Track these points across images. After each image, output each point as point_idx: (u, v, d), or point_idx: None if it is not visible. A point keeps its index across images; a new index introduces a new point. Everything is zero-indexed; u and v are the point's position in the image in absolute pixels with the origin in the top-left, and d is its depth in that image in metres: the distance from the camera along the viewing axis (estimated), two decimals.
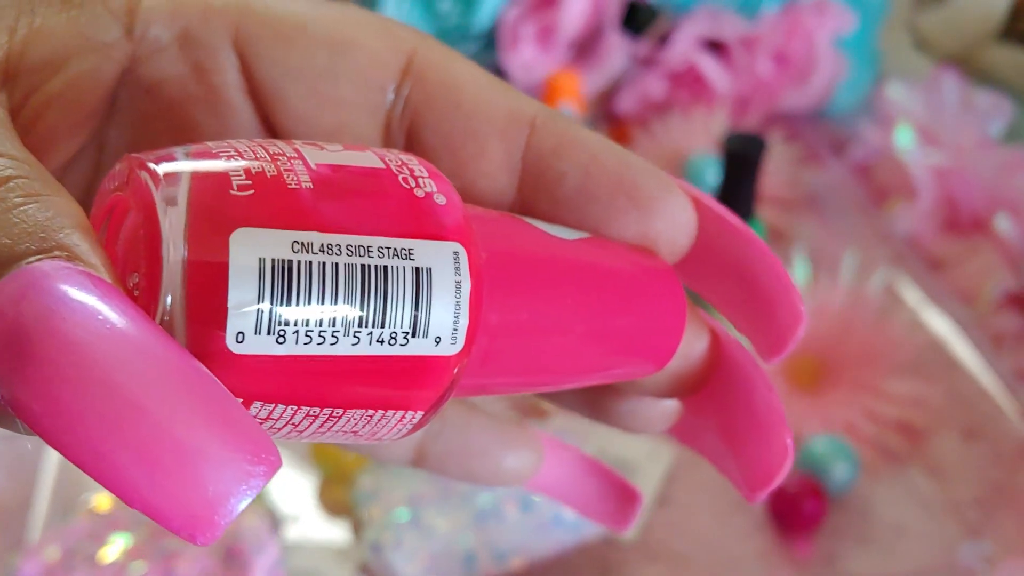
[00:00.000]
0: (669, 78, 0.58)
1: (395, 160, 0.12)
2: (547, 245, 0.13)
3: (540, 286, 0.13)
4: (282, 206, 0.10)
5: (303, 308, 0.10)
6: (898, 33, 0.68)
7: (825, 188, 0.57)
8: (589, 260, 0.14)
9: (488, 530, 0.34)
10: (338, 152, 0.12)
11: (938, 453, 0.41)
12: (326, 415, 0.11)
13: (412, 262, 0.11)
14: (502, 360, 0.12)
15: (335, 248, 0.10)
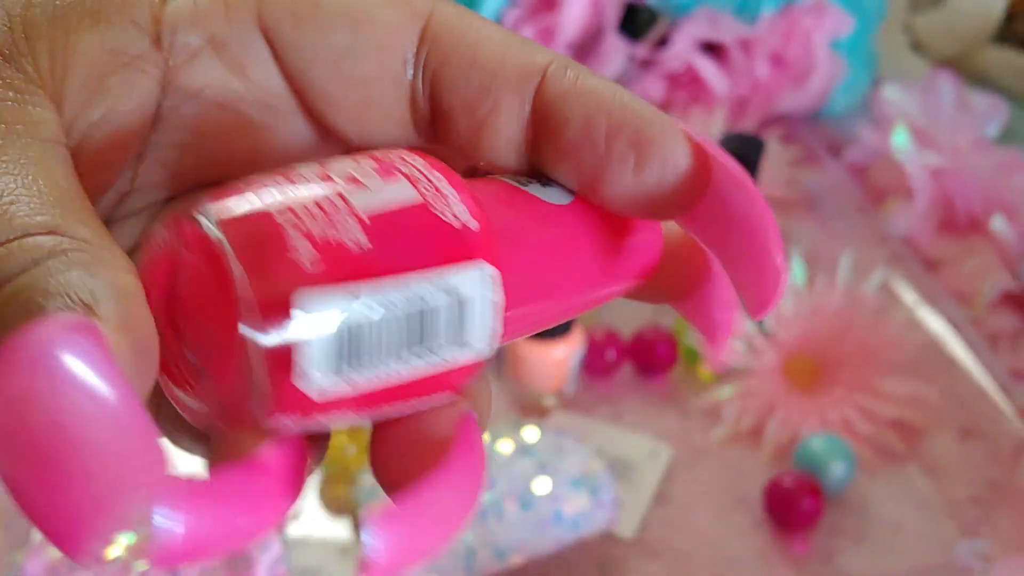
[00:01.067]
0: (667, 80, 0.58)
1: (423, 181, 0.13)
2: (541, 215, 0.14)
3: (537, 255, 0.14)
4: (348, 271, 0.11)
5: (370, 361, 0.12)
6: (895, 35, 0.69)
7: (822, 189, 0.57)
8: (576, 224, 0.15)
9: (488, 527, 0.35)
10: (378, 187, 0.12)
11: (935, 452, 0.41)
12: (382, 412, 0.13)
13: (457, 296, 0.12)
14: (512, 323, 0.14)
15: (394, 304, 0.12)
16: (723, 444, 0.42)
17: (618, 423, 0.43)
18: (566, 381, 0.43)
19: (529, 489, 0.35)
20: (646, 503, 0.39)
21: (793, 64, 0.57)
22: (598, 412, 0.44)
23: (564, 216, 0.14)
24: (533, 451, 0.37)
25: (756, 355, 0.43)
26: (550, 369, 0.42)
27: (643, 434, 0.42)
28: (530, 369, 0.42)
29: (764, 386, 0.43)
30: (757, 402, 0.42)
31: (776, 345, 0.44)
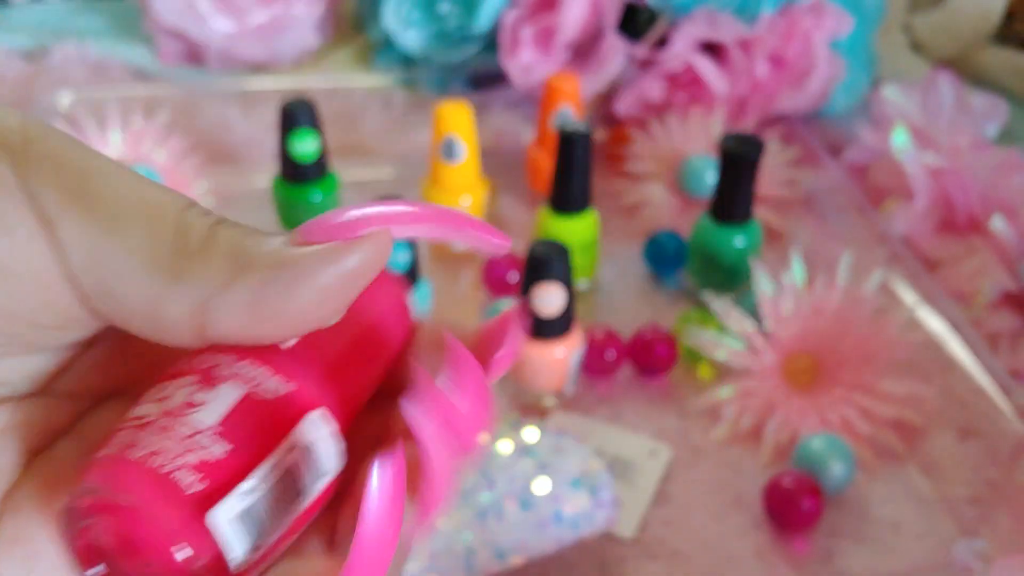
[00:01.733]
0: (667, 80, 0.58)
1: (238, 375, 0.16)
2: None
3: (345, 355, 0.18)
4: (226, 477, 0.15)
5: (268, 525, 0.15)
6: (894, 35, 0.69)
7: (822, 188, 0.57)
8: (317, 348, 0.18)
9: (488, 528, 0.35)
10: (210, 400, 0.15)
11: (934, 451, 0.42)
12: (284, 546, 0.16)
13: (305, 446, 0.15)
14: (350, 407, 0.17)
15: (266, 479, 0.15)
16: (723, 444, 0.42)
17: (618, 423, 0.43)
18: (566, 381, 0.43)
19: (529, 489, 0.35)
20: (646, 503, 0.39)
21: (793, 64, 0.57)
22: (598, 412, 0.44)
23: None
24: (533, 451, 0.37)
25: (755, 355, 0.43)
26: (550, 369, 0.42)
27: (643, 434, 0.42)
28: (530, 369, 0.42)
29: (763, 386, 0.43)
30: (756, 402, 0.42)
31: (775, 345, 0.44)
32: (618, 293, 0.51)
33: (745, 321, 0.44)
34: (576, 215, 0.48)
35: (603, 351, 0.44)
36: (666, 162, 0.56)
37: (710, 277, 0.49)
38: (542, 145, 0.55)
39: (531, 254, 0.40)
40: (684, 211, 0.55)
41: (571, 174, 0.47)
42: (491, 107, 0.64)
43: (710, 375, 0.46)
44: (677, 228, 0.54)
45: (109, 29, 0.72)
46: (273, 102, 0.61)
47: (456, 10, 0.63)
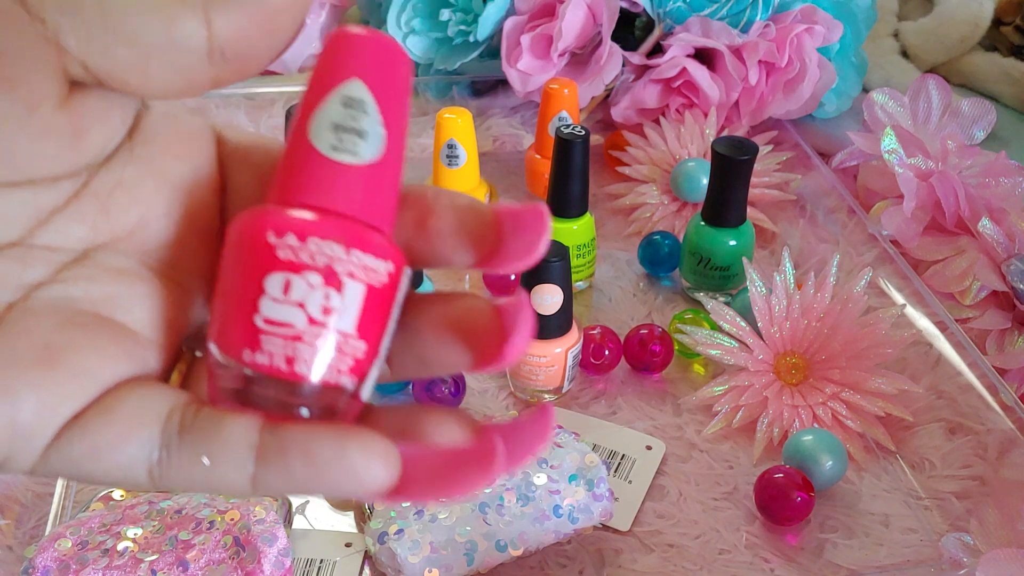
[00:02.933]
0: (662, 86, 0.59)
1: (354, 259, 0.17)
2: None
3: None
4: (368, 371, 0.18)
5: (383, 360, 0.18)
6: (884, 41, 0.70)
7: (813, 192, 0.58)
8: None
9: (488, 520, 0.35)
10: (348, 306, 0.17)
11: (923, 447, 0.42)
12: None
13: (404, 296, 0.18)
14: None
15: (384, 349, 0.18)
16: (716, 439, 0.43)
17: (614, 419, 0.44)
18: (564, 378, 0.44)
19: (528, 483, 0.36)
20: (641, 497, 0.40)
21: (784, 70, 0.58)
22: (595, 408, 0.44)
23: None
24: None
25: (748, 353, 0.44)
26: (548, 366, 0.43)
27: (638, 430, 0.43)
28: (529, 366, 0.43)
29: (756, 383, 0.44)
30: (749, 399, 0.43)
31: (767, 343, 0.45)
32: (615, 293, 0.52)
33: (738, 320, 0.45)
34: (574, 219, 0.49)
35: (600, 349, 0.45)
36: (661, 165, 0.57)
37: (704, 277, 0.50)
38: (541, 149, 0.56)
39: None
40: (679, 213, 0.56)
41: (569, 178, 0.48)
42: (491, 112, 0.65)
43: (704, 372, 0.47)
44: (672, 230, 0.55)
45: None
46: (279, 106, 0.62)
47: (458, 17, 0.64)
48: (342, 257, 0.16)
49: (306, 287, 0.16)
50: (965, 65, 0.68)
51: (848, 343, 0.44)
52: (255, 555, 0.34)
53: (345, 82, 0.17)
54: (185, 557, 0.34)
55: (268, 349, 0.16)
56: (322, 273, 0.16)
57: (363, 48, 0.17)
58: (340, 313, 0.16)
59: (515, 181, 0.59)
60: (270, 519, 0.35)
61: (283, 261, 0.16)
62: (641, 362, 0.45)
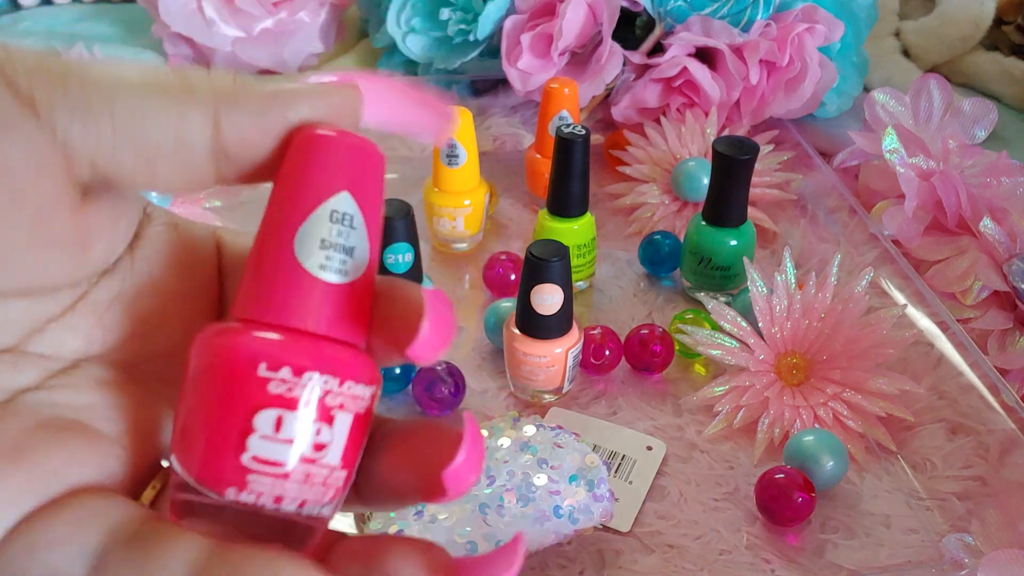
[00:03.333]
0: (663, 85, 0.59)
1: (346, 390, 0.17)
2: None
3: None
4: (343, 493, 0.18)
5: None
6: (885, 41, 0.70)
7: (814, 191, 0.58)
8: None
9: (488, 521, 0.35)
10: (336, 439, 0.17)
11: (924, 448, 0.42)
12: None
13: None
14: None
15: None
16: (717, 440, 0.43)
17: (614, 419, 0.44)
18: (564, 379, 0.44)
19: (528, 484, 0.36)
20: (642, 497, 0.40)
21: (785, 69, 0.58)
22: (595, 409, 0.44)
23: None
24: (532, 446, 0.38)
25: (749, 353, 0.44)
26: (548, 367, 0.43)
27: (639, 430, 0.43)
28: (529, 367, 0.43)
29: (757, 383, 0.44)
30: (750, 399, 0.43)
31: (768, 343, 0.44)
32: (615, 293, 0.52)
33: (739, 320, 0.45)
34: (574, 218, 0.49)
35: (600, 349, 0.45)
36: (662, 165, 0.57)
37: (704, 277, 0.50)
38: (541, 149, 0.56)
39: (530, 255, 0.41)
40: (679, 213, 0.56)
41: (569, 177, 0.47)
42: (491, 112, 0.65)
43: (705, 372, 0.47)
44: (672, 229, 0.55)
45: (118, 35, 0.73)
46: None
47: (457, 16, 0.64)
48: (334, 390, 0.16)
49: (298, 425, 0.16)
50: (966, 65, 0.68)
51: (849, 343, 0.44)
52: None
53: (333, 196, 0.16)
54: None
55: (255, 489, 0.16)
56: (317, 409, 0.16)
57: (344, 154, 0.17)
58: (329, 447, 0.16)
59: (515, 181, 0.59)
60: None
61: (275, 397, 0.15)
62: (642, 362, 0.45)
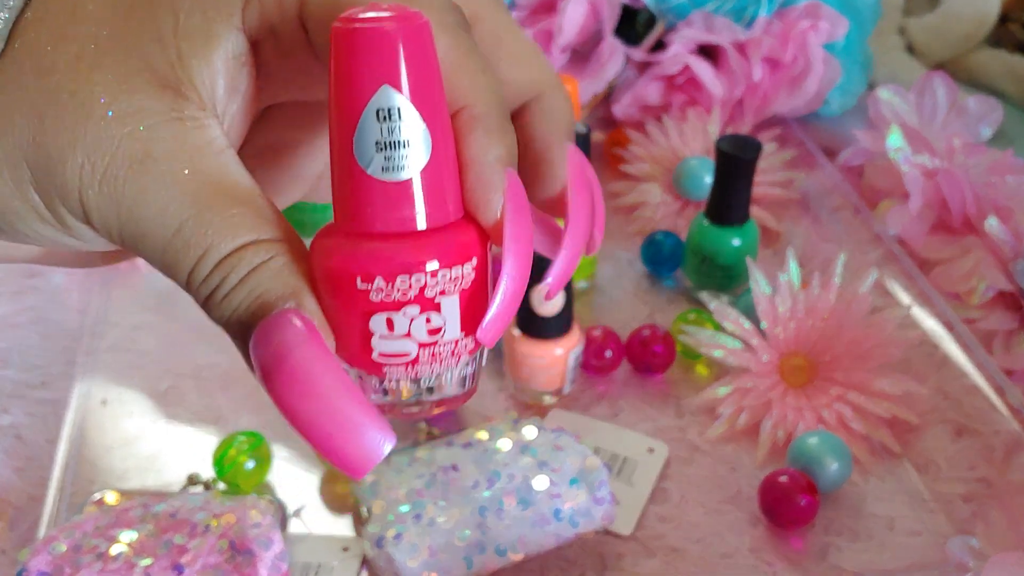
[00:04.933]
0: (665, 83, 0.59)
1: (442, 277, 0.18)
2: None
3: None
4: (479, 353, 0.20)
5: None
6: (889, 38, 0.69)
7: (817, 190, 0.58)
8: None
9: (488, 524, 0.35)
10: (448, 320, 0.19)
11: (928, 449, 0.42)
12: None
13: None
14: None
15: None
16: (719, 442, 0.43)
17: (616, 421, 0.43)
18: (565, 380, 0.43)
19: (528, 486, 0.36)
20: (643, 500, 0.39)
21: (789, 67, 0.58)
22: (596, 410, 0.44)
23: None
24: (532, 449, 0.37)
25: (752, 354, 0.44)
26: (549, 368, 0.43)
27: (640, 432, 0.43)
28: (529, 368, 0.43)
29: (760, 385, 0.43)
30: (753, 400, 0.43)
31: (772, 344, 0.44)
32: (616, 293, 0.52)
33: (741, 320, 0.44)
34: None
35: (602, 350, 0.45)
36: (664, 163, 0.57)
37: (707, 277, 0.49)
38: None
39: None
40: (681, 212, 0.55)
41: None
42: None
43: (707, 374, 0.46)
44: (674, 229, 0.54)
45: None
46: None
47: None
48: (428, 283, 0.17)
49: (407, 320, 0.18)
50: (971, 62, 0.68)
51: (853, 344, 0.43)
52: (251, 559, 0.34)
53: (374, 94, 0.17)
54: (180, 561, 0.33)
55: (393, 376, 0.18)
56: (418, 303, 0.18)
57: (375, 44, 0.17)
58: (445, 327, 0.18)
59: None
60: (266, 523, 0.35)
61: (378, 304, 0.17)
62: (643, 363, 0.45)
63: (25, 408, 0.44)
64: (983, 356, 0.44)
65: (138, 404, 0.45)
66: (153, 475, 0.41)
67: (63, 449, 0.42)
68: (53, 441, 0.42)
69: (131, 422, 0.44)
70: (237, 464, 0.39)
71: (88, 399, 0.45)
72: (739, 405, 0.43)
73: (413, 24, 0.17)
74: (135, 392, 0.45)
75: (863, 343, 0.43)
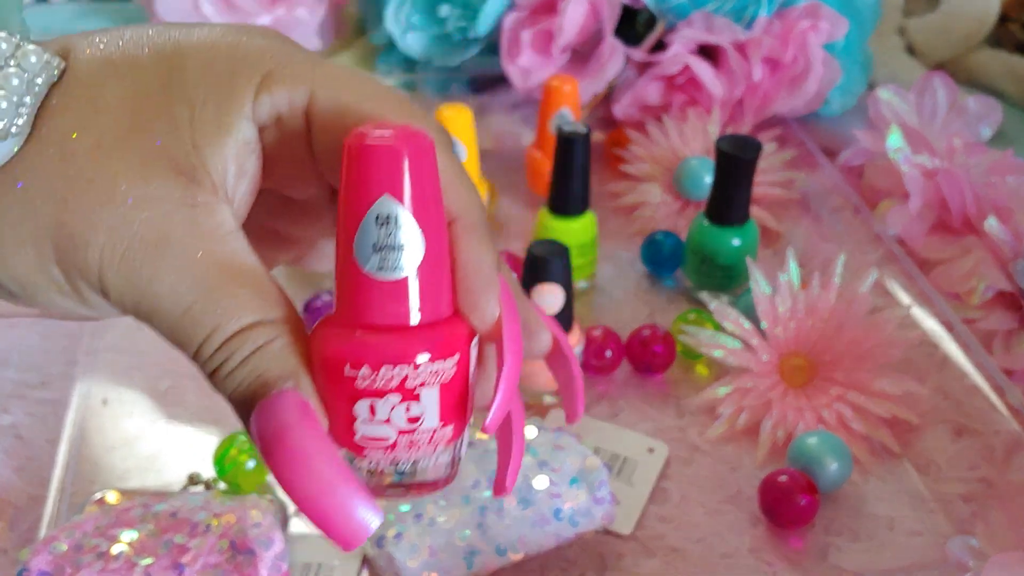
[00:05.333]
0: (665, 83, 0.59)
1: (426, 368, 0.20)
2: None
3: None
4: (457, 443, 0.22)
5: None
6: (889, 38, 0.69)
7: (817, 190, 0.58)
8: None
9: (488, 524, 0.35)
10: (427, 409, 0.20)
11: (928, 449, 0.42)
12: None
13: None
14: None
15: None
16: (719, 442, 0.43)
17: (616, 421, 0.43)
18: None
19: (529, 486, 0.36)
20: (643, 500, 0.39)
21: (789, 67, 0.58)
22: (596, 410, 0.44)
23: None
24: (532, 449, 0.37)
25: (752, 354, 0.44)
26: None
27: (641, 432, 0.43)
28: (529, 368, 0.43)
29: (760, 384, 0.43)
30: (753, 400, 0.43)
31: (771, 344, 0.44)
32: (616, 293, 0.52)
33: (741, 320, 0.44)
34: (575, 217, 0.48)
35: (602, 350, 0.45)
36: (664, 163, 0.57)
37: (707, 277, 0.49)
38: (541, 147, 0.56)
39: (531, 254, 0.40)
40: (681, 212, 0.55)
41: (570, 176, 0.47)
42: (491, 109, 0.64)
43: (707, 374, 0.46)
44: (674, 229, 0.54)
45: None
46: None
47: (456, 13, 0.64)
48: (410, 374, 0.19)
49: (388, 407, 0.19)
50: (971, 62, 0.68)
51: (853, 344, 0.43)
52: (251, 559, 0.34)
53: (375, 201, 0.19)
54: (180, 561, 0.33)
55: (373, 457, 0.20)
56: (399, 392, 0.19)
57: (378, 158, 0.19)
58: (423, 417, 0.19)
59: (515, 179, 0.59)
60: (267, 523, 0.35)
61: (363, 390, 0.19)
62: (643, 363, 0.45)
63: (25, 408, 0.44)
64: (983, 356, 0.44)
65: (138, 404, 0.45)
66: (153, 475, 0.41)
67: (63, 449, 0.42)
68: (53, 441, 0.42)
69: (131, 422, 0.44)
70: (238, 464, 0.39)
71: (88, 399, 0.45)
72: (739, 405, 0.43)
73: (418, 142, 0.19)
74: (135, 392, 0.45)
75: (863, 343, 0.43)
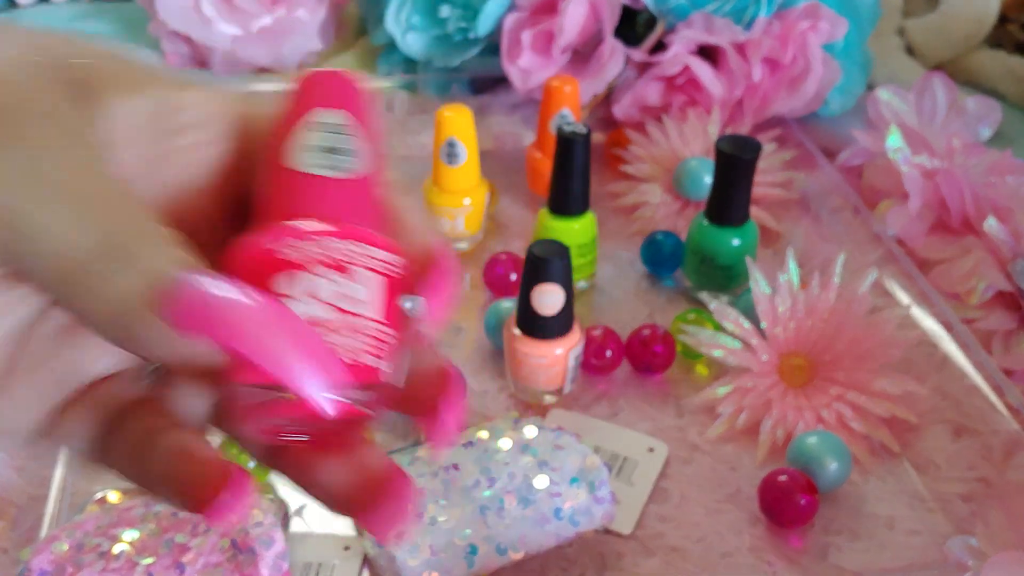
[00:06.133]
0: (665, 83, 0.59)
1: (360, 250, 0.19)
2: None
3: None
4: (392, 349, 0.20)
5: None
6: (889, 39, 0.69)
7: (817, 190, 0.58)
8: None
9: (489, 524, 0.35)
10: (366, 291, 0.19)
11: (928, 449, 0.42)
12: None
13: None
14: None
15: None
16: (719, 441, 0.43)
17: (616, 421, 0.44)
18: (565, 379, 0.43)
19: (529, 485, 0.36)
20: (643, 499, 0.40)
21: (788, 67, 0.58)
22: (596, 410, 0.44)
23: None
24: (532, 448, 0.37)
25: (751, 354, 0.44)
26: (549, 367, 0.43)
27: (640, 431, 0.43)
28: (530, 367, 0.43)
29: (759, 384, 0.43)
30: (752, 400, 0.43)
31: (771, 344, 0.44)
32: (616, 293, 0.52)
33: (741, 320, 0.44)
34: (575, 218, 0.48)
35: (602, 350, 0.45)
36: (664, 164, 0.57)
37: (707, 277, 0.49)
38: (542, 147, 0.56)
39: (531, 254, 0.40)
40: (681, 212, 0.55)
41: (570, 176, 0.47)
42: (491, 110, 0.64)
43: (707, 373, 0.46)
44: (674, 229, 0.54)
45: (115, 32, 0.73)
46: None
47: (457, 14, 0.64)
48: (341, 247, 0.18)
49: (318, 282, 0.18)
50: (971, 63, 0.68)
51: (853, 344, 0.43)
52: (252, 558, 0.34)
53: (307, 112, 0.19)
54: (181, 560, 0.33)
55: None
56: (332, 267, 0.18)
57: (330, 82, 0.19)
58: (365, 304, 0.18)
59: (516, 179, 0.59)
60: (268, 522, 0.35)
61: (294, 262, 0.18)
62: (643, 363, 0.45)
63: None
64: (982, 356, 0.44)
65: None
66: None
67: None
68: None
69: None
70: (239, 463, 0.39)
71: None
72: (739, 405, 0.43)
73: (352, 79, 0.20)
74: None
75: (863, 343, 0.43)
